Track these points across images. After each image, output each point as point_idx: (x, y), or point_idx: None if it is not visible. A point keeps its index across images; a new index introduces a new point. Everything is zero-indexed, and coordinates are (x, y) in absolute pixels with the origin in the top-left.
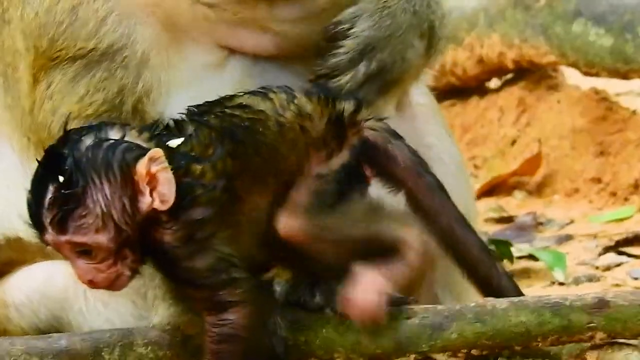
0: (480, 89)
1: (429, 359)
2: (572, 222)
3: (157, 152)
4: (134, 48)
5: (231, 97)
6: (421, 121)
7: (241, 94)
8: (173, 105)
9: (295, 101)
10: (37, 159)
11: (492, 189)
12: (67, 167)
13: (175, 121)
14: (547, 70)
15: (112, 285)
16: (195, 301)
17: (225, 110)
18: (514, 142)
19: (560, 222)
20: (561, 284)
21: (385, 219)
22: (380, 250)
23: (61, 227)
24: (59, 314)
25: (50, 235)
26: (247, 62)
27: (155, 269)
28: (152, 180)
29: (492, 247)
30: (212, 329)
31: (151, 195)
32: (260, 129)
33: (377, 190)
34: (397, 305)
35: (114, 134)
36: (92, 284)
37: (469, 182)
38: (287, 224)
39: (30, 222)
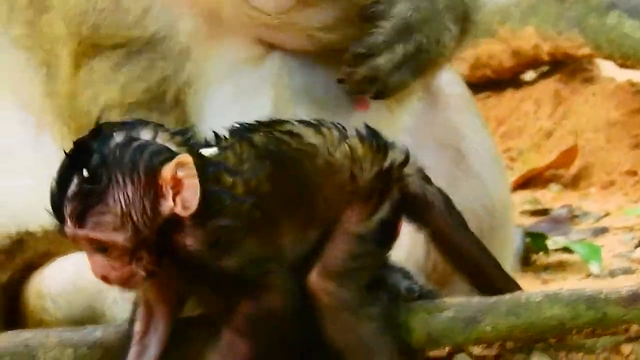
0: (515, 81)
1: (462, 352)
2: (607, 214)
3: (185, 157)
4: (176, 39)
5: (282, 122)
6: (455, 112)
7: (294, 121)
8: (213, 97)
9: (348, 142)
10: (64, 151)
11: (527, 182)
12: (93, 162)
13: (215, 132)
14: (582, 63)
15: (126, 283)
16: (229, 294)
17: (274, 133)
18: (549, 135)
19: (596, 215)
20: (596, 276)
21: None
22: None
23: (80, 221)
24: (93, 305)
25: (69, 228)
26: (285, 58)
27: (176, 273)
28: (177, 185)
29: (527, 239)
30: (249, 312)
31: (174, 200)
32: (307, 163)
33: None
34: (431, 298)
35: (146, 134)
36: (105, 280)
37: (504, 174)
38: (317, 282)
39: (52, 213)
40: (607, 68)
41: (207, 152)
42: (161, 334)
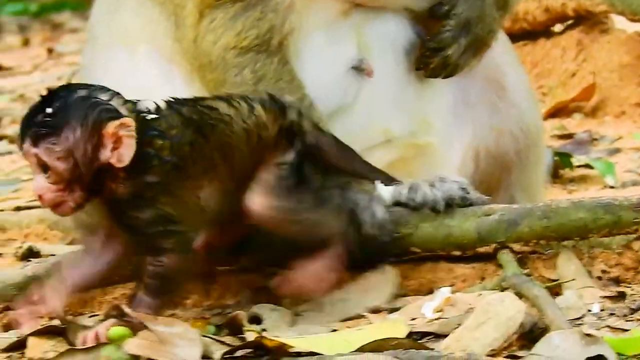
0: (546, 32)
1: (505, 248)
2: (620, 138)
3: (129, 121)
4: None
5: (204, 99)
6: (498, 54)
7: (210, 97)
8: (309, 43)
9: (255, 112)
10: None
11: (556, 112)
12: (57, 104)
13: (157, 104)
14: (600, 18)
15: (56, 208)
16: (136, 244)
17: (197, 106)
18: (573, 75)
19: (611, 138)
20: (612, 187)
21: (326, 213)
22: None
23: (35, 143)
24: None
25: (25, 145)
26: (367, 12)
27: (103, 211)
28: (117, 141)
29: (556, 158)
30: (148, 267)
31: (112, 152)
32: (226, 131)
33: None
34: (480, 204)
35: (104, 96)
36: (41, 200)
37: (537, 105)
38: (258, 202)
39: (19, 132)
40: (619, 22)
41: (148, 117)
42: (115, 256)
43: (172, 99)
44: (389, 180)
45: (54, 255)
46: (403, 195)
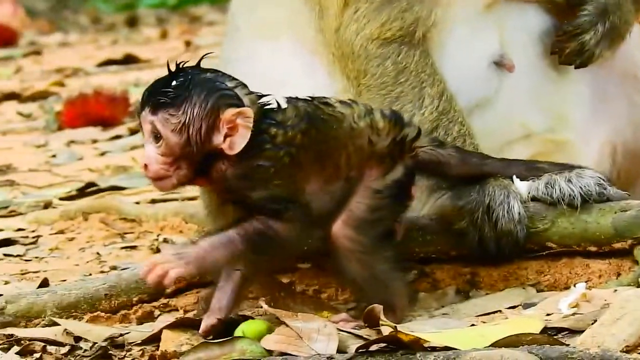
0: None
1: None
2: None
3: (248, 111)
4: None
5: (323, 97)
6: (634, 49)
7: (332, 98)
8: (452, 36)
9: (371, 116)
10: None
11: None
12: (182, 79)
13: (277, 101)
14: None
15: (158, 181)
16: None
17: (315, 102)
18: None
19: None
20: None
21: (396, 278)
22: (376, 294)
23: (154, 109)
24: None
25: (144, 113)
26: (509, 6)
27: (212, 190)
28: (232, 128)
29: None
30: (255, 222)
31: (225, 138)
32: (335, 126)
33: None
34: (618, 199)
35: (229, 83)
36: (145, 169)
37: None
38: (339, 229)
39: (139, 101)
40: None
41: (268, 107)
42: None
43: (292, 97)
44: (530, 169)
45: None
46: (540, 191)
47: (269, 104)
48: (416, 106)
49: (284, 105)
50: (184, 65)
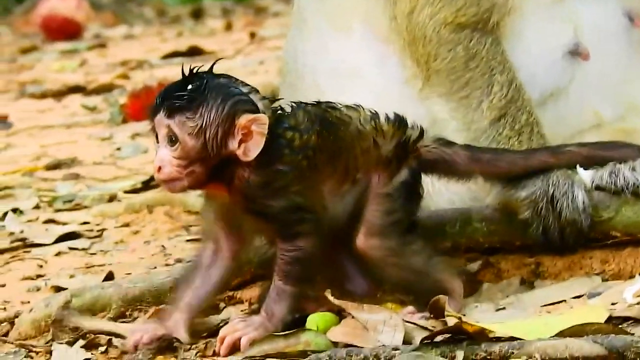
0: None
1: None
2: None
3: (264, 118)
4: None
5: (329, 102)
6: None
7: (338, 103)
8: (527, 24)
9: (376, 120)
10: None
11: None
12: (198, 83)
13: (290, 105)
14: None
15: (169, 182)
16: (268, 231)
17: (322, 106)
18: None
19: None
20: None
21: (437, 263)
22: (426, 287)
23: (170, 113)
24: None
25: (159, 116)
26: None
27: (231, 201)
28: (247, 134)
29: None
30: (284, 253)
31: (239, 144)
32: (342, 128)
33: None
34: None
35: (244, 88)
36: (158, 171)
37: None
38: (365, 242)
39: (153, 103)
40: None
41: (281, 112)
42: (225, 268)
43: (299, 102)
44: (555, 154)
45: None
46: (604, 179)
47: (282, 109)
48: (485, 93)
49: (290, 109)
50: (198, 70)
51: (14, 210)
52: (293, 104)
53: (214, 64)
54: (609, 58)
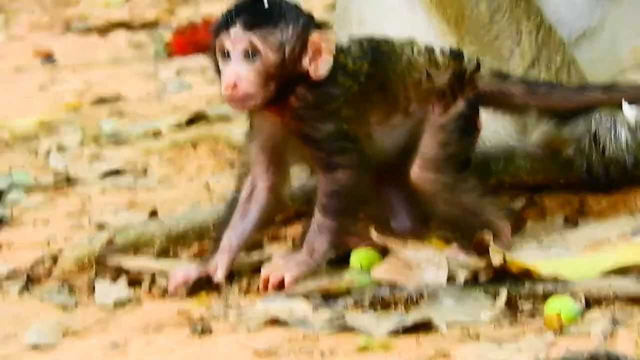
0: None
1: None
2: None
3: (333, 36)
4: None
5: (381, 36)
6: None
7: (391, 38)
8: None
9: (431, 53)
10: None
11: None
12: (271, 1)
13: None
14: None
15: (242, 100)
16: (313, 160)
17: (374, 38)
18: None
19: None
20: None
21: (488, 203)
22: (474, 226)
23: (250, 26)
24: None
25: (234, 30)
26: None
27: (284, 122)
28: (317, 52)
29: None
30: (324, 185)
31: (310, 62)
32: (393, 59)
33: None
34: None
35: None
36: (233, 88)
37: None
38: (419, 175)
39: (221, 20)
40: None
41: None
42: (263, 203)
43: (355, 37)
44: (607, 91)
45: None
46: None
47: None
48: (515, 42)
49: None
50: None
51: (59, 147)
52: (347, 35)
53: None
54: None
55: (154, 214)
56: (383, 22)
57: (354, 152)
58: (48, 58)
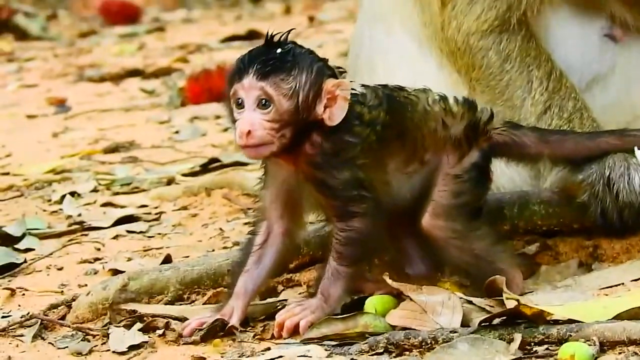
0: None
1: None
2: None
3: (348, 83)
4: None
5: (396, 84)
6: None
7: (405, 86)
8: (557, 17)
9: (445, 101)
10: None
11: None
12: (286, 48)
13: (359, 84)
14: None
15: (257, 147)
16: (328, 208)
17: (389, 86)
18: None
19: None
20: None
21: (500, 251)
22: (486, 272)
23: (263, 75)
24: None
25: (248, 79)
26: None
27: (299, 170)
28: (332, 99)
29: None
30: (340, 233)
31: (324, 109)
32: (410, 108)
33: None
34: None
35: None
36: (248, 135)
37: None
38: (430, 222)
39: (234, 69)
40: None
41: (358, 90)
42: (278, 248)
43: (366, 84)
44: (621, 137)
45: None
46: None
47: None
48: (525, 90)
49: (362, 87)
50: (279, 38)
51: (72, 194)
52: (361, 84)
53: (288, 32)
54: None
55: (167, 260)
56: (395, 71)
57: (369, 200)
58: (62, 106)
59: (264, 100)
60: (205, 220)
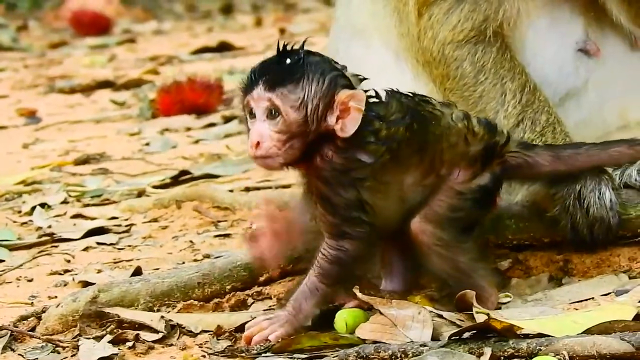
0: None
1: None
2: None
3: (362, 95)
4: None
5: (423, 96)
6: None
7: (432, 98)
8: (531, 28)
9: (469, 120)
10: (278, 47)
11: None
12: (296, 58)
13: (376, 90)
14: None
15: (266, 159)
16: (325, 223)
17: (416, 99)
18: None
19: None
20: None
21: (480, 269)
22: (464, 286)
23: (270, 86)
24: None
25: (257, 90)
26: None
27: (305, 179)
28: (345, 110)
29: None
30: (329, 249)
31: (337, 120)
32: (434, 122)
33: None
34: None
35: (338, 66)
36: (256, 147)
37: None
38: (419, 225)
39: (246, 79)
40: None
41: (371, 99)
42: None
43: (393, 89)
44: (632, 146)
45: None
46: (632, 177)
47: (377, 94)
48: (499, 102)
49: (384, 96)
50: (292, 47)
51: (43, 205)
52: (388, 91)
53: (304, 41)
54: (629, 56)
55: (138, 272)
56: (371, 83)
57: (366, 225)
58: (32, 117)
59: (272, 111)
60: (175, 233)
